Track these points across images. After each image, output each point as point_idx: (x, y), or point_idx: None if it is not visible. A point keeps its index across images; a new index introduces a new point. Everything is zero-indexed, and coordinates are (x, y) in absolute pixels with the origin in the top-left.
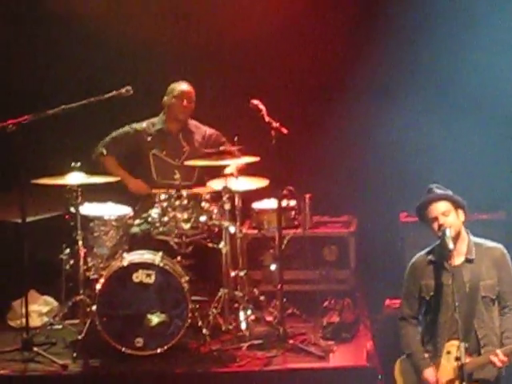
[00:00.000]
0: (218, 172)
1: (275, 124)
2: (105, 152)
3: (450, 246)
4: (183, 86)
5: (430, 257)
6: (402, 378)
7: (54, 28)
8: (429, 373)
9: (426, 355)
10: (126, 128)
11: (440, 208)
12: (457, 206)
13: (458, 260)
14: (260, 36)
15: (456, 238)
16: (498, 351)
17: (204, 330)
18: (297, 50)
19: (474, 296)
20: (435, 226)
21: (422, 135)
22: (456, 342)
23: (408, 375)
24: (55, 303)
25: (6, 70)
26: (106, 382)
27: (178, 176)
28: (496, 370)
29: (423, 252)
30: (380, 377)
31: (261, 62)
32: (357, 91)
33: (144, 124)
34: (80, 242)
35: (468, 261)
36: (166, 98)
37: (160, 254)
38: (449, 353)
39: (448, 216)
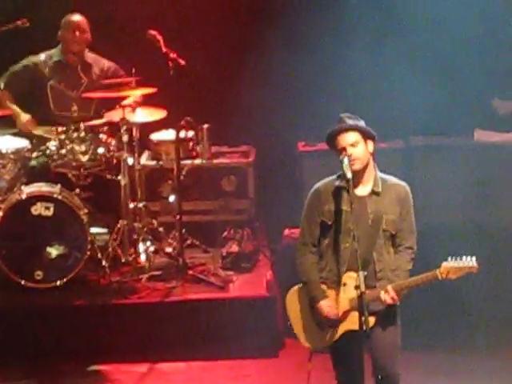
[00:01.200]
0: (115, 104)
1: (173, 55)
2: (2, 86)
3: (348, 174)
4: (75, 18)
5: (337, 183)
6: (293, 306)
7: None
8: (324, 304)
9: (323, 285)
10: (24, 61)
11: (349, 139)
12: (366, 136)
13: (364, 191)
14: None
15: (364, 169)
16: (389, 287)
17: (103, 262)
18: None
19: (376, 228)
20: (343, 156)
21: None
22: (353, 274)
23: (300, 304)
24: None
25: None
26: (6, 315)
27: (75, 108)
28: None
29: (329, 178)
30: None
31: None
32: (253, 16)
33: (42, 56)
34: None
35: (374, 193)
36: (60, 30)
37: (58, 186)
38: (345, 285)
39: (356, 147)
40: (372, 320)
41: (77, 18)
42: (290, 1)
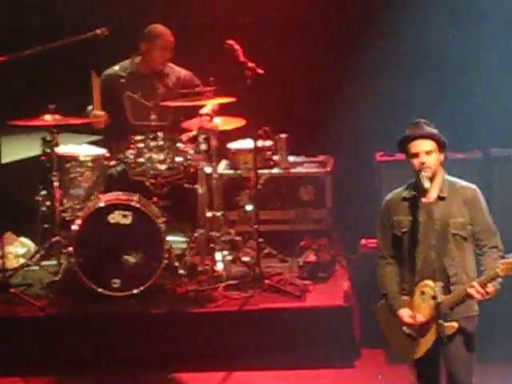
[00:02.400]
0: (193, 113)
1: (250, 64)
2: (90, 108)
3: (426, 184)
4: (167, 37)
5: (405, 193)
6: (382, 319)
7: None
8: (403, 312)
9: (405, 297)
10: (101, 77)
11: (425, 146)
12: (440, 147)
13: (430, 197)
14: None
15: (432, 178)
16: (474, 282)
17: (180, 271)
18: None
19: (444, 233)
20: (415, 162)
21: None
22: (430, 282)
23: (387, 316)
24: (32, 245)
25: None
26: (83, 324)
27: (153, 117)
28: (471, 308)
29: (398, 189)
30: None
31: (236, 2)
32: (336, 29)
33: (116, 67)
34: (56, 184)
35: (440, 198)
36: (145, 43)
37: (136, 195)
38: (423, 293)
39: (430, 155)
40: (454, 326)
41: (170, 37)
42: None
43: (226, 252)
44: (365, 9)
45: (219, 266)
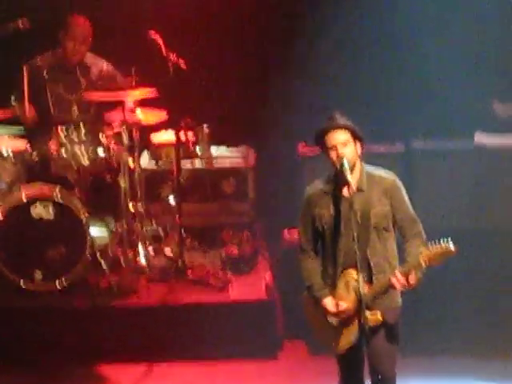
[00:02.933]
0: (115, 105)
1: (173, 57)
2: (13, 99)
3: (348, 177)
4: (79, 26)
5: (324, 186)
6: (307, 310)
7: None
8: (327, 301)
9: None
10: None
11: (340, 138)
12: (356, 137)
13: (350, 190)
14: None
15: (351, 170)
16: (397, 271)
17: (103, 264)
18: None
19: (366, 224)
20: (333, 155)
21: (321, 65)
22: (353, 272)
23: (311, 308)
24: None
25: None
26: (5, 317)
27: (75, 109)
28: (394, 300)
29: (317, 182)
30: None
31: None
32: (255, 13)
33: (38, 59)
34: None
35: (359, 190)
36: (61, 34)
37: (58, 187)
38: (346, 284)
39: (347, 146)
40: (375, 319)
41: (82, 26)
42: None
43: (148, 244)
44: None
45: (142, 259)
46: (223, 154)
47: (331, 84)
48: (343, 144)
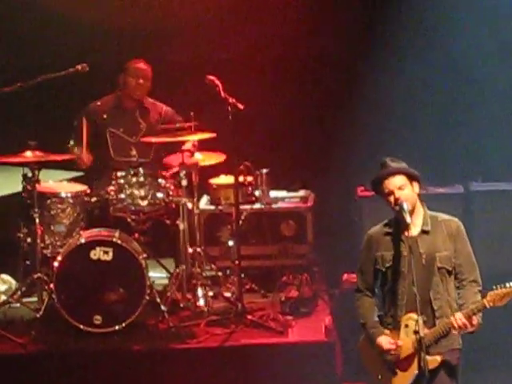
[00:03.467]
0: (174, 149)
1: (231, 99)
2: (72, 143)
3: (408, 219)
4: (139, 64)
5: (387, 229)
6: (364, 353)
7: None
8: (382, 339)
9: (386, 331)
10: (82, 112)
11: (395, 182)
12: (412, 178)
13: (413, 231)
14: (214, 11)
15: (412, 211)
16: (459, 314)
17: (162, 307)
18: (252, 25)
19: (431, 267)
20: (391, 199)
21: (378, 110)
22: (413, 315)
23: (368, 350)
24: (13, 281)
25: None
26: (65, 360)
27: (134, 153)
28: (455, 341)
29: (379, 225)
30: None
31: (216, 38)
32: (313, 64)
33: (99, 102)
34: (37, 220)
35: (424, 232)
36: (121, 75)
37: (117, 231)
38: (406, 326)
39: (404, 190)
40: (437, 359)
41: (142, 65)
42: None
43: (207, 288)
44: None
45: (201, 302)
46: (282, 196)
47: (390, 126)
48: (400, 188)
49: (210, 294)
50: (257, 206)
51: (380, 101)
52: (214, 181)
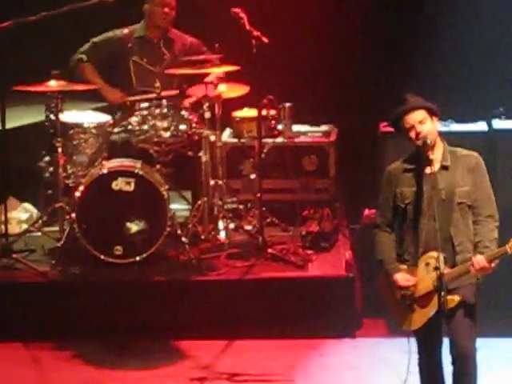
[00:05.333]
0: (197, 80)
1: (256, 33)
2: (84, 58)
3: (431, 155)
4: None
5: (406, 165)
6: (382, 287)
7: None
8: (399, 276)
9: (404, 266)
10: (108, 34)
11: (416, 117)
12: (432, 113)
13: (433, 167)
14: None
15: (432, 147)
16: (480, 256)
17: (183, 239)
18: None
19: (450, 203)
20: (412, 134)
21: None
22: (434, 253)
23: (386, 286)
24: (34, 210)
25: None
26: (85, 290)
27: (158, 84)
28: (472, 278)
29: (399, 161)
30: None
31: None
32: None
33: (126, 30)
34: (59, 150)
35: (443, 167)
36: (146, 5)
37: (139, 162)
38: (427, 265)
39: (425, 124)
40: (455, 299)
41: None
42: None
43: (228, 220)
44: None
45: (222, 235)
46: (305, 131)
47: (413, 63)
48: (421, 122)
49: (231, 226)
50: (279, 139)
51: (403, 37)
52: (237, 113)
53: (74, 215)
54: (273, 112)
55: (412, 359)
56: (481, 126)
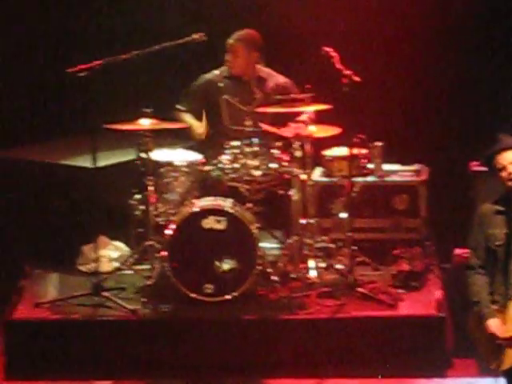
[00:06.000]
0: (289, 120)
1: (347, 71)
2: (182, 108)
3: None
4: (230, 40)
5: (498, 206)
6: (473, 326)
7: None
8: (493, 323)
9: (494, 306)
10: (199, 80)
11: (509, 157)
12: None
13: None
14: None
15: None
16: None
17: (273, 277)
18: None
19: None
20: (504, 174)
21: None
22: None
23: (477, 325)
24: (125, 249)
25: (79, 15)
26: (175, 328)
27: (248, 122)
28: None
29: (490, 202)
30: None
31: (332, 10)
32: (427, 39)
33: (216, 71)
34: (150, 188)
35: None
36: None
37: (230, 200)
38: None
39: None
40: None
41: (230, 40)
42: None
43: (319, 259)
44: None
45: (312, 273)
46: (395, 170)
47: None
48: None
49: (322, 265)
50: (370, 178)
51: (494, 75)
52: (328, 152)
53: (164, 253)
54: (364, 151)
55: None
56: None
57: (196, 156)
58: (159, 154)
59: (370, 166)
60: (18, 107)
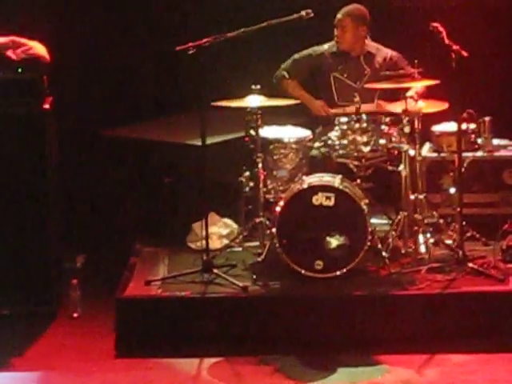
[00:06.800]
0: (398, 95)
1: (455, 47)
2: (287, 75)
3: None
4: (338, 14)
5: None
6: None
7: None
8: None
9: None
10: (308, 50)
11: None
12: None
13: None
14: None
15: None
16: None
17: (383, 253)
18: None
19: None
20: None
21: None
22: None
23: None
24: (235, 225)
25: None
26: (286, 304)
27: (358, 99)
28: None
29: None
30: None
31: None
32: None
33: (326, 46)
34: (260, 165)
35: None
36: None
37: (339, 176)
38: None
39: None
40: None
41: (339, 15)
42: None
43: (428, 235)
44: None
45: (422, 249)
46: (505, 144)
47: None
48: None
49: (432, 240)
50: (479, 153)
51: None
52: (437, 128)
53: (274, 230)
54: (472, 126)
55: None
56: None
57: (304, 133)
58: (268, 131)
59: (479, 140)
60: (129, 86)
